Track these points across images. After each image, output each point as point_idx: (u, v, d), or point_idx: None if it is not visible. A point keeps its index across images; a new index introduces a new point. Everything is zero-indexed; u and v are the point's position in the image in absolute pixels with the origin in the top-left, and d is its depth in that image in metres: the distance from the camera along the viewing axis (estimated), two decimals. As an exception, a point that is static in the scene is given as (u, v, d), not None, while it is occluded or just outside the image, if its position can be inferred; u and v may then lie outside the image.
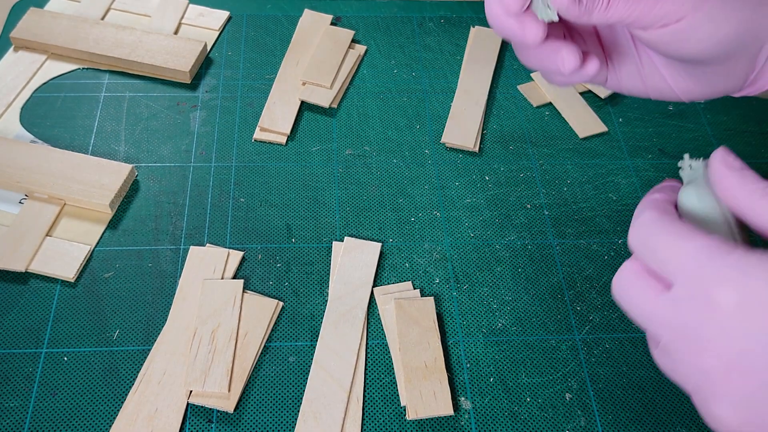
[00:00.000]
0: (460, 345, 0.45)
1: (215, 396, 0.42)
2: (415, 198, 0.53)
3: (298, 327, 0.46)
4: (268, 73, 0.61)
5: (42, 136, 0.55)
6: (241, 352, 0.44)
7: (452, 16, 0.67)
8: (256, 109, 0.58)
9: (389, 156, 0.55)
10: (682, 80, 0.37)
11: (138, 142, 0.55)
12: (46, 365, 0.43)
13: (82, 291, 0.46)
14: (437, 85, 0.61)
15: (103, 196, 0.50)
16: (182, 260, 0.48)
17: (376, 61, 0.63)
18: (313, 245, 0.50)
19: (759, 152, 0.58)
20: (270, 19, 0.65)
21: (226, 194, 0.52)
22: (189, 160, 0.54)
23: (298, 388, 0.43)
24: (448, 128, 0.57)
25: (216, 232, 0.50)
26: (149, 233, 0.50)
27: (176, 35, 0.62)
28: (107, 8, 0.64)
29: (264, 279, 0.48)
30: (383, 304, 0.47)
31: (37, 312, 0.45)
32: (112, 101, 0.58)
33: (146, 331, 0.45)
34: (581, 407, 0.43)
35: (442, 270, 0.49)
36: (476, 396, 0.43)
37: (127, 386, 0.42)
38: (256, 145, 0.56)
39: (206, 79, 0.60)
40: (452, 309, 0.47)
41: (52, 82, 0.59)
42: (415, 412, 0.42)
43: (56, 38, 0.59)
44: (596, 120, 0.58)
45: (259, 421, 0.42)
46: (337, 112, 0.58)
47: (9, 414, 0.41)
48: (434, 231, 0.51)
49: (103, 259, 0.48)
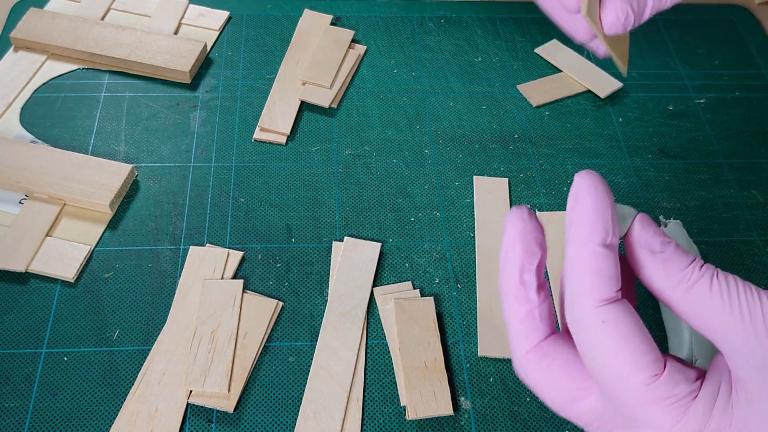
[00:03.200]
0: (460, 345, 0.45)
1: (215, 396, 0.42)
2: (415, 198, 0.53)
3: (298, 327, 0.46)
4: (268, 73, 0.61)
5: (42, 136, 0.55)
6: (241, 352, 0.44)
7: (452, 16, 0.67)
8: (256, 109, 0.58)
9: (389, 156, 0.55)
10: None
11: (138, 142, 0.55)
12: (46, 365, 0.43)
13: (82, 291, 0.46)
14: (437, 85, 0.61)
15: (103, 196, 0.50)
16: (182, 260, 0.48)
17: (376, 61, 0.63)
18: (313, 245, 0.50)
19: (759, 152, 0.58)
20: (270, 19, 0.65)
21: (226, 194, 0.52)
22: (189, 160, 0.54)
23: (297, 388, 0.43)
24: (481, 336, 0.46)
25: (216, 232, 0.50)
26: (149, 233, 0.50)
27: (176, 35, 0.62)
28: (107, 8, 0.64)
29: (264, 279, 0.48)
30: (383, 304, 0.47)
31: (37, 312, 0.45)
32: (112, 101, 0.58)
33: (146, 331, 0.45)
34: (581, 407, 0.43)
35: (442, 270, 0.49)
36: (476, 396, 0.43)
37: (127, 386, 0.42)
38: (256, 145, 0.56)
39: (206, 79, 0.60)
40: (452, 309, 0.47)
41: (52, 82, 0.59)
42: (415, 412, 0.42)
43: (56, 38, 0.59)
44: (611, 80, 0.61)
45: (259, 421, 0.42)
46: (337, 112, 0.58)
47: (9, 414, 0.41)
48: (434, 231, 0.51)
49: (103, 259, 0.48)
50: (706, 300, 0.24)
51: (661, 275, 0.25)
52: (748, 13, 0.69)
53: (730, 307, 0.24)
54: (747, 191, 0.55)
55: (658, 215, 0.52)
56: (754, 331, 0.23)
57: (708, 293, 0.24)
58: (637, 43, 0.65)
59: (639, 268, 0.25)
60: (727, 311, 0.24)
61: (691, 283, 0.24)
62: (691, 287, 0.24)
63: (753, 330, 0.23)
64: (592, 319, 0.25)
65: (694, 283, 0.24)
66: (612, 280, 0.25)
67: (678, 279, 0.24)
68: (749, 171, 0.56)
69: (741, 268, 0.50)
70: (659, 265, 0.25)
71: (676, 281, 0.25)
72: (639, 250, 0.25)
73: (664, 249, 0.25)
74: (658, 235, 0.25)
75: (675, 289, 0.25)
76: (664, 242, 0.25)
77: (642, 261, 0.25)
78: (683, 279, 0.24)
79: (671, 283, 0.25)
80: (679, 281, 0.24)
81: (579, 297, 0.25)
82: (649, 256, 0.25)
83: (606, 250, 0.25)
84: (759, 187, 0.55)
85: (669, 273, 0.25)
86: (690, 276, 0.24)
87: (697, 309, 0.24)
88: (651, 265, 0.25)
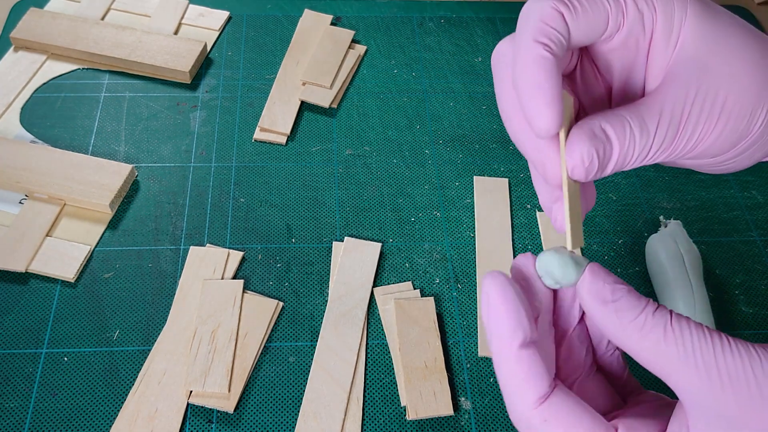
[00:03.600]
0: (460, 345, 0.45)
1: (215, 396, 0.42)
2: (415, 198, 0.53)
3: (298, 327, 0.46)
4: (268, 73, 0.61)
5: (42, 136, 0.55)
6: (241, 353, 0.44)
7: (452, 16, 0.67)
8: (256, 109, 0.58)
9: (389, 156, 0.55)
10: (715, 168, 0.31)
11: (138, 143, 0.55)
12: (46, 365, 0.43)
13: (82, 291, 0.46)
14: (437, 85, 0.61)
15: (103, 197, 0.50)
16: (182, 260, 0.48)
17: (376, 61, 0.63)
18: (313, 245, 0.50)
19: (759, 152, 0.58)
20: (270, 19, 0.65)
21: (226, 194, 0.52)
22: (189, 160, 0.54)
23: (298, 388, 0.43)
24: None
25: (216, 232, 0.50)
26: (149, 233, 0.50)
27: (176, 35, 0.62)
28: (107, 8, 0.64)
29: (264, 279, 0.48)
30: (383, 304, 0.47)
31: (37, 312, 0.45)
32: (112, 101, 0.58)
33: (146, 331, 0.45)
34: (581, 407, 0.43)
35: (442, 270, 0.49)
36: (476, 396, 0.43)
37: (128, 386, 0.42)
38: (256, 145, 0.56)
39: (206, 80, 0.60)
40: (452, 309, 0.47)
41: (52, 82, 0.59)
42: (415, 412, 0.42)
43: (56, 38, 0.59)
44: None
45: (259, 421, 0.42)
46: (337, 112, 0.58)
47: (9, 414, 0.41)
48: (434, 231, 0.51)
49: (103, 260, 0.48)
50: (660, 348, 0.24)
51: (614, 324, 0.24)
52: (748, 13, 0.69)
53: (686, 356, 0.23)
54: (747, 191, 0.55)
55: (658, 215, 0.52)
56: (709, 383, 0.23)
57: (662, 341, 0.24)
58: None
59: (593, 318, 0.25)
60: (683, 361, 0.23)
61: (645, 332, 0.24)
62: (646, 336, 0.24)
63: (708, 382, 0.23)
64: (535, 419, 0.25)
65: (648, 331, 0.24)
66: (541, 378, 0.25)
67: (632, 328, 0.24)
68: (749, 171, 0.56)
69: (741, 268, 0.50)
70: (612, 315, 0.24)
71: (630, 330, 0.24)
72: (591, 300, 0.25)
73: (616, 297, 0.25)
74: (609, 283, 0.25)
75: (630, 337, 0.24)
76: (615, 290, 0.25)
77: (594, 311, 0.25)
78: (636, 327, 0.24)
79: (626, 333, 0.24)
80: (633, 330, 0.24)
81: (517, 399, 0.25)
82: (601, 306, 0.25)
83: (528, 351, 0.25)
84: (759, 188, 0.55)
85: (622, 322, 0.24)
86: (643, 324, 0.24)
87: (652, 357, 0.24)
88: (603, 314, 0.25)
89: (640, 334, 0.24)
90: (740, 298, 0.48)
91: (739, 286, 0.49)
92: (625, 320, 0.24)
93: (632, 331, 0.24)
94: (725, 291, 0.49)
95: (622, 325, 0.24)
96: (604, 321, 0.25)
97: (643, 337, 0.24)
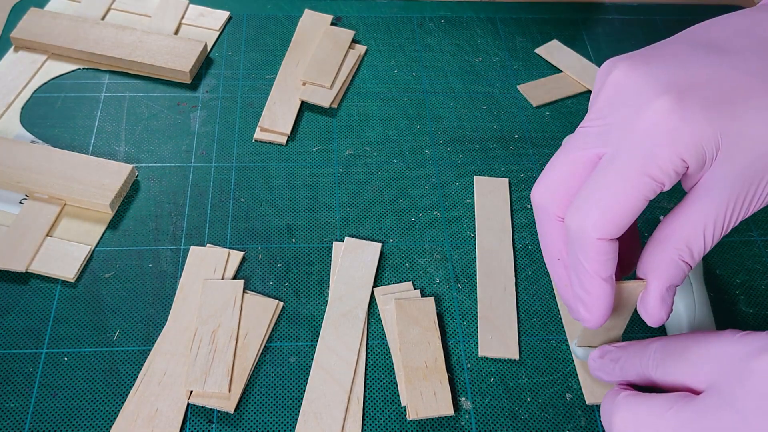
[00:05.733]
0: (460, 345, 0.45)
1: (216, 396, 0.42)
2: (416, 198, 0.53)
3: (299, 327, 0.46)
4: (268, 73, 0.61)
5: (42, 136, 0.55)
6: (241, 353, 0.44)
7: (452, 16, 0.67)
8: (256, 109, 0.58)
9: (389, 156, 0.55)
10: None
11: (138, 142, 0.55)
12: (47, 365, 0.43)
13: (83, 291, 0.46)
14: (437, 85, 0.61)
15: (104, 197, 0.50)
16: (182, 260, 0.48)
17: (377, 61, 0.63)
18: (314, 245, 0.50)
19: (759, 152, 0.57)
20: (270, 19, 0.65)
21: (226, 194, 0.52)
22: (189, 160, 0.54)
23: (298, 389, 0.43)
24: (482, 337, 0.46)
25: (216, 232, 0.50)
26: (149, 233, 0.50)
27: (176, 35, 0.62)
28: (107, 8, 0.64)
29: (264, 279, 0.48)
30: (383, 305, 0.47)
31: (37, 312, 0.45)
32: (113, 101, 0.58)
33: (146, 331, 0.45)
34: (581, 407, 0.43)
35: (442, 270, 0.49)
36: (477, 396, 0.43)
37: (128, 386, 0.42)
38: (257, 145, 0.56)
39: (206, 79, 0.60)
40: (453, 309, 0.47)
41: (52, 82, 0.59)
42: (415, 413, 0.42)
43: (56, 38, 0.59)
44: None
45: (259, 421, 0.42)
46: (337, 112, 0.58)
47: (9, 414, 0.41)
48: (435, 231, 0.51)
49: (103, 260, 0.48)
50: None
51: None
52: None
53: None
54: (747, 191, 0.55)
55: (658, 215, 0.52)
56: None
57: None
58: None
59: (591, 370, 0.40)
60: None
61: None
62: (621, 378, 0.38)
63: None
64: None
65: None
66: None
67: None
68: (749, 171, 0.56)
69: (741, 268, 0.50)
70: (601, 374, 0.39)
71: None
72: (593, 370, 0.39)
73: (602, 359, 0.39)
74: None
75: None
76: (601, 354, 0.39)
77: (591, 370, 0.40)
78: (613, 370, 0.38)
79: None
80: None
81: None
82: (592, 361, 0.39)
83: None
84: (759, 188, 0.55)
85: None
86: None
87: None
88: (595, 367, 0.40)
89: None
90: (740, 298, 0.48)
91: (740, 286, 0.49)
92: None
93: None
94: (725, 291, 0.49)
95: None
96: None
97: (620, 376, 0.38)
